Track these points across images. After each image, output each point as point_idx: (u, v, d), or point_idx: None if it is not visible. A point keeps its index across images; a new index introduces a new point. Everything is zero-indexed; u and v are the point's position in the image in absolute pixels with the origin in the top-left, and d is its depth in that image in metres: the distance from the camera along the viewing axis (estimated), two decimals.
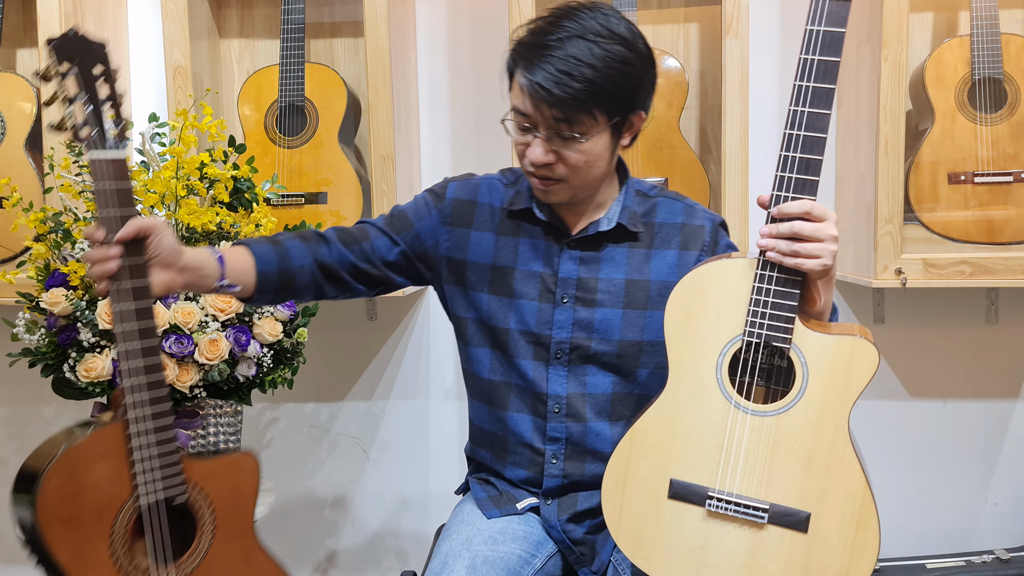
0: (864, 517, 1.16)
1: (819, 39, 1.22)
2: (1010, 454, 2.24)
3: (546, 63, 1.25)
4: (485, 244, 1.44)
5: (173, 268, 1.26)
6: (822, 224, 1.16)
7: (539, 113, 1.28)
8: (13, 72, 2.18)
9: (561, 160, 1.31)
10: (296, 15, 2.07)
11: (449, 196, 1.47)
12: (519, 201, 1.44)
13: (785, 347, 1.18)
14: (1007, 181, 1.95)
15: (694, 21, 2.16)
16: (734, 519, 1.20)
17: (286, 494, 2.37)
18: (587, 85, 1.25)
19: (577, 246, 1.41)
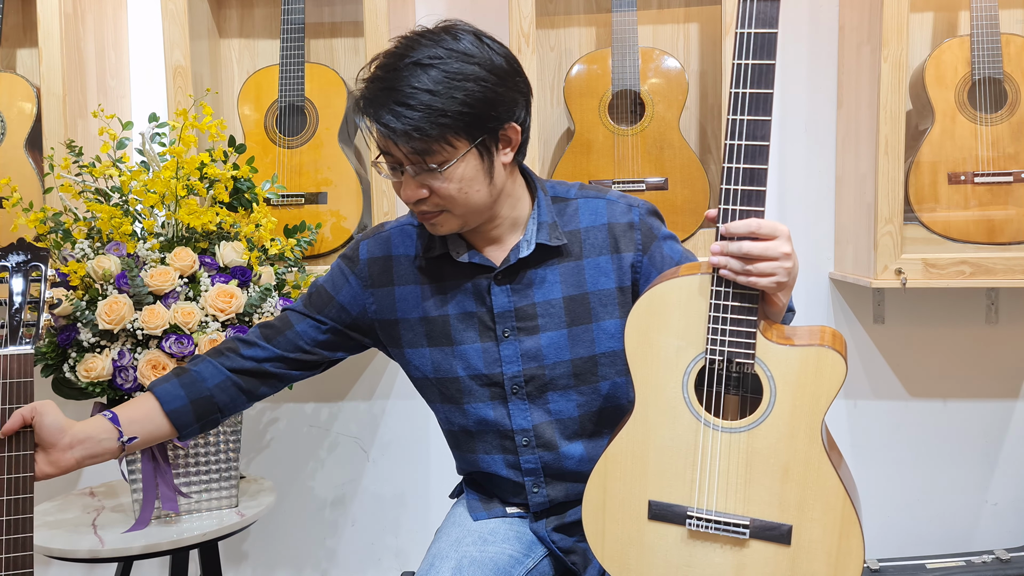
0: (846, 525, 1.15)
1: (750, 42, 1.12)
2: (1010, 454, 2.24)
3: (384, 99, 1.19)
4: (412, 298, 1.37)
5: (56, 447, 1.25)
6: (772, 243, 1.12)
7: (396, 150, 1.22)
8: (13, 72, 2.18)
9: (433, 192, 1.24)
10: (296, 15, 2.07)
11: (362, 257, 1.40)
12: (435, 247, 1.36)
13: (748, 363, 1.16)
14: (1007, 181, 1.95)
15: (694, 21, 2.16)
16: (716, 537, 1.19)
17: (286, 494, 2.37)
18: (427, 112, 1.18)
19: (505, 278, 1.34)
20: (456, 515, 1.49)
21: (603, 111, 2.05)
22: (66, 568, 2.41)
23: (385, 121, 1.19)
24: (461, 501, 1.54)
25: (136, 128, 2.04)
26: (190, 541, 1.66)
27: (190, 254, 1.69)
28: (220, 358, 1.39)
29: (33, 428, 1.24)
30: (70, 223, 1.76)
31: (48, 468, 1.26)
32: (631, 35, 2.01)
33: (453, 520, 1.47)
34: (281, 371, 1.41)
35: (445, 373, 1.38)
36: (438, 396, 1.42)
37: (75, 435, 1.27)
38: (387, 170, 1.28)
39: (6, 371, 1.27)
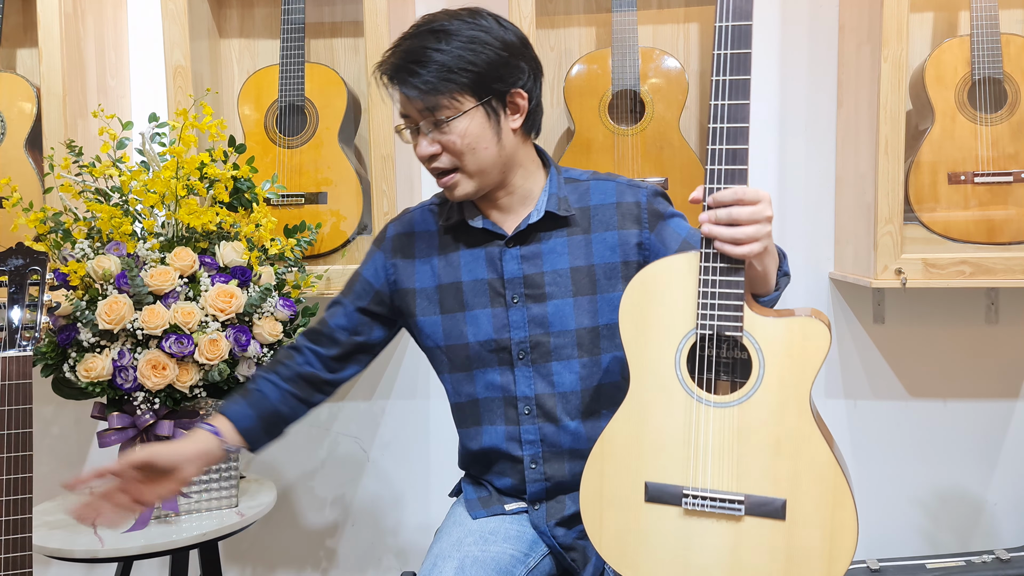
0: (839, 496, 1.15)
1: (728, 34, 1.28)
2: (1010, 454, 2.24)
3: (397, 59, 1.33)
4: (428, 268, 1.46)
5: (181, 470, 1.35)
6: (757, 207, 1.16)
7: (409, 107, 1.34)
8: (13, 72, 2.18)
9: (444, 148, 1.35)
10: (296, 15, 2.07)
11: (388, 235, 1.51)
12: (452, 215, 1.46)
13: (737, 335, 1.19)
14: (1007, 181, 1.95)
15: (694, 21, 2.16)
16: (712, 515, 1.19)
17: (286, 494, 2.37)
18: (437, 68, 1.30)
19: (516, 244, 1.42)
20: (456, 515, 1.49)
21: (603, 111, 2.05)
22: (66, 568, 2.41)
23: (400, 78, 1.32)
24: (460, 501, 1.55)
25: (136, 128, 2.04)
26: (190, 541, 1.66)
27: (190, 254, 1.69)
28: (276, 369, 1.50)
29: (151, 465, 1.32)
30: (70, 223, 1.76)
31: (176, 486, 1.36)
32: (631, 35, 2.01)
33: (454, 520, 1.48)
34: (325, 373, 1.51)
35: (455, 340, 1.44)
36: (447, 365, 1.47)
37: (192, 453, 1.37)
38: (408, 136, 1.38)
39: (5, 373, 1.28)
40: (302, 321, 1.82)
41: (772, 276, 1.25)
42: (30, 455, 1.27)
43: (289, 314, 1.75)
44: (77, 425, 2.40)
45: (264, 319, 1.72)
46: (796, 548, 1.17)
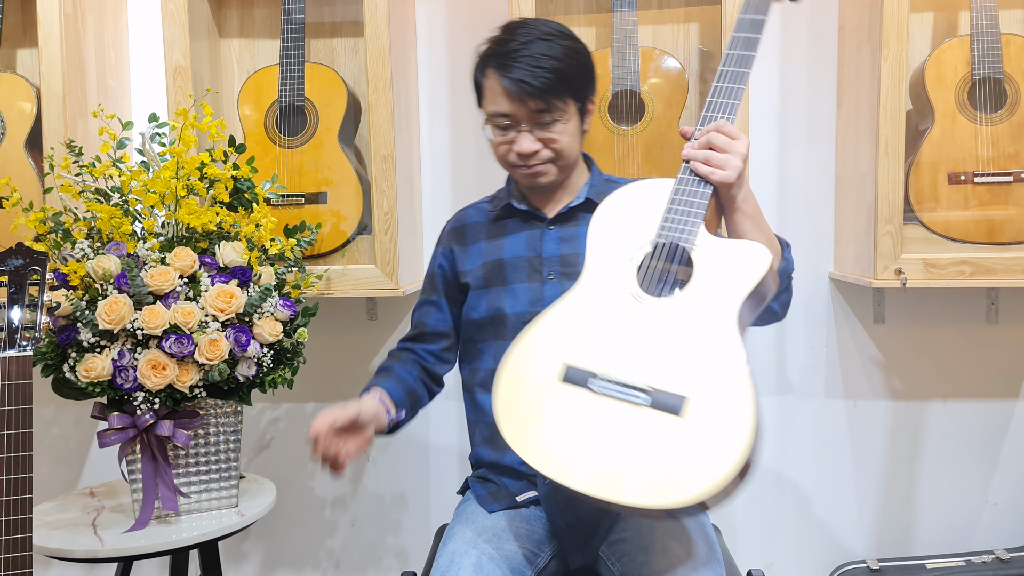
0: (739, 409, 1.15)
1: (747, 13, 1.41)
2: (1010, 454, 2.24)
3: (519, 63, 1.45)
4: (477, 251, 1.62)
5: (366, 428, 1.40)
6: (734, 140, 1.30)
7: (521, 108, 1.47)
8: (13, 72, 2.18)
9: (546, 145, 1.50)
10: (296, 15, 2.07)
11: (445, 231, 1.70)
12: (499, 202, 1.64)
13: (688, 247, 1.27)
14: (1007, 181, 1.95)
15: (694, 21, 2.16)
16: (615, 401, 1.21)
17: (286, 494, 2.37)
18: (556, 75, 1.45)
19: (556, 226, 1.58)
20: (468, 512, 1.51)
21: (603, 111, 2.05)
22: (66, 568, 2.41)
23: (526, 79, 1.44)
24: (470, 498, 1.56)
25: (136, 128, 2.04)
26: (190, 541, 1.66)
27: (190, 254, 1.69)
28: (401, 358, 1.65)
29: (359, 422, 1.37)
30: (70, 223, 1.76)
31: (364, 445, 1.39)
32: (631, 35, 2.01)
33: (465, 517, 1.49)
34: (439, 367, 1.67)
35: (496, 312, 1.57)
36: (492, 334, 1.58)
37: (374, 415, 1.42)
38: (495, 133, 1.52)
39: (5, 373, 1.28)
40: (302, 321, 1.82)
41: (758, 222, 1.36)
42: (30, 455, 1.27)
43: (289, 314, 1.75)
44: (77, 425, 2.40)
45: (264, 319, 1.72)
46: (684, 447, 1.15)
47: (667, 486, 1.13)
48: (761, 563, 2.32)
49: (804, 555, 2.31)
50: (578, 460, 1.18)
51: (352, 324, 2.33)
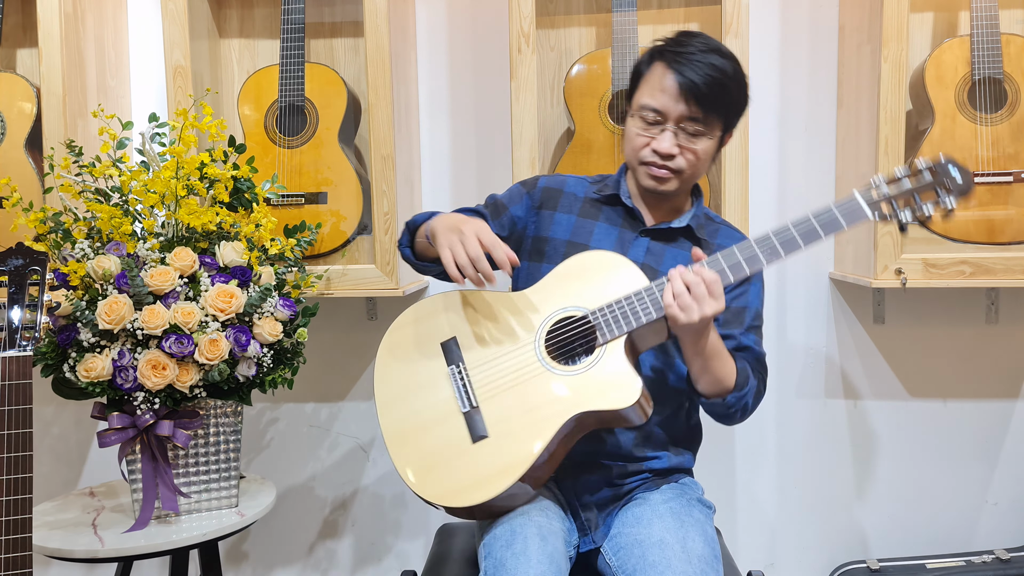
0: (509, 469, 1.38)
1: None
2: (1010, 454, 2.24)
3: (693, 64, 1.46)
4: (565, 224, 1.61)
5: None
6: (711, 299, 1.35)
7: (676, 108, 1.48)
8: (13, 72, 2.18)
9: (682, 153, 1.51)
10: (296, 15, 2.07)
11: (540, 185, 1.66)
12: (606, 189, 1.62)
13: (600, 342, 1.42)
14: (1007, 181, 1.95)
15: (694, 21, 2.16)
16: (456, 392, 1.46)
17: (286, 494, 2.37)
18: (722, 90, 1.47)
19: (648, 236, 1.59)
20: None
21: (603, 111, 2.05)
22: (66, 568, 2.41)
23: (697, 82, 1.45)
24: None
25: (136, 128, 2.04)
26: (190, 541, 1.66)
27: (190, 254, 1.69)
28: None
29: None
30: (70, 223, 1.76)
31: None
32: (631, 35, 2.01)
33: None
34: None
35: None
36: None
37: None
38: (639, 125, 1.51)
39: (5, 373, 1.28)
40: (302, 321, 1.82)
41: (710, 364, 1.43)
42: (30, 455, 1.27)
43: (289, 314, 1.75)
44: (77, 425, 2.40)
45: (264, 319, 1.72)
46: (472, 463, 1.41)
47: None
48: (761, 563, 2.32)
49: (804, 555, 2.31)
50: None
51: (352, 324, 2.33)
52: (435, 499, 1.40)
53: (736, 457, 2.30)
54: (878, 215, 1.38)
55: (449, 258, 1.41)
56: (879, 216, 1.38)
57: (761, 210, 2.20)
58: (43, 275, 1.37)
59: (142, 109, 2.30)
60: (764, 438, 2.29)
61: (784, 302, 2.25)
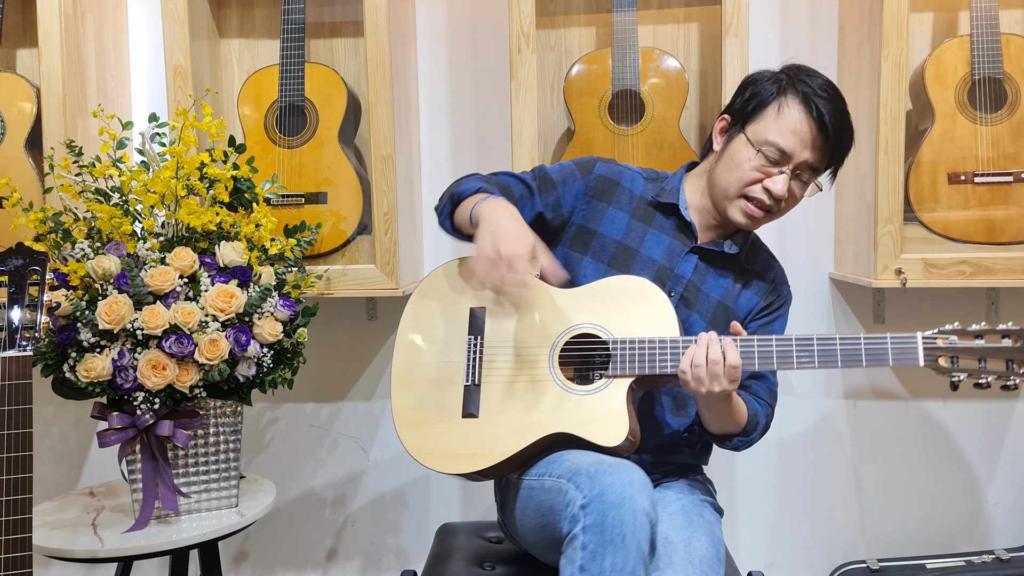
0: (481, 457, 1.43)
1: None
2: (1010, 454, 2.24)
3: (830, 111, 1.43)
4: (619, 222, 1.56)
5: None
6: (727, 383, 1.35)
7: (803, 155, 1.45)
8: (13, 72, 2.18)
9: (788, 199, 1.48)
10: (296, 15, 2.07)
11: (597, 172, 1.59)
12: (665, 196, 1.57)
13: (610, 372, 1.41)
14: (1007, 181, 1.95)
15: (694, 21, 2.16)
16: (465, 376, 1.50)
17: (286, 494, 2.37)
18: (848, 145, 1.48)
19: (699, 253, 1.55)
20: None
21: (603, 111, 2.05)
22: (66, 568, 2.41)
23: (832, 131, 1.44)
24: None
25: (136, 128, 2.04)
26: (190, 541, 1.66)
27: (190, 254, 1.69)
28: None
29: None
30: (70, 223, 1.76)
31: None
32: (631, 35, 2.01)
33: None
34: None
35: None
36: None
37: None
38: (758, 160, 1.46)
39: (5, 373, 1.27)
40: (302, 321, 1.82)
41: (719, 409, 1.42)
42: (30, 455, 1.27)
43: (289, 314, 1.75)
44: (77, 425, 2.40)
45: (264, 319, 1.72)
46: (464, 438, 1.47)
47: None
48: (761, 563, 2.32)
49: (804, 555, 2.31)
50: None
51: (352, 324, 2.33)
52: (408, 449, 1.48)
53: (736, 457, 2.30)
54: (932, 366, 1.31)
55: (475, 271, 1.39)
56: (933, 367, 1.31)
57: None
58: (43, 275, 1.37)
59: (142, 109, 2.30)
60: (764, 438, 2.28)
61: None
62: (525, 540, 1.48)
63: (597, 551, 1.20)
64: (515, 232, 1.37)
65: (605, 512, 1.21)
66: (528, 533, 1.44)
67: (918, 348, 1.32)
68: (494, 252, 1.34)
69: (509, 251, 1.34)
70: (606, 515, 1.21)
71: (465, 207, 1.48)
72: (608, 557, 1.19)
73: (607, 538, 1.20)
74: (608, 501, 1.21)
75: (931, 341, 1.31)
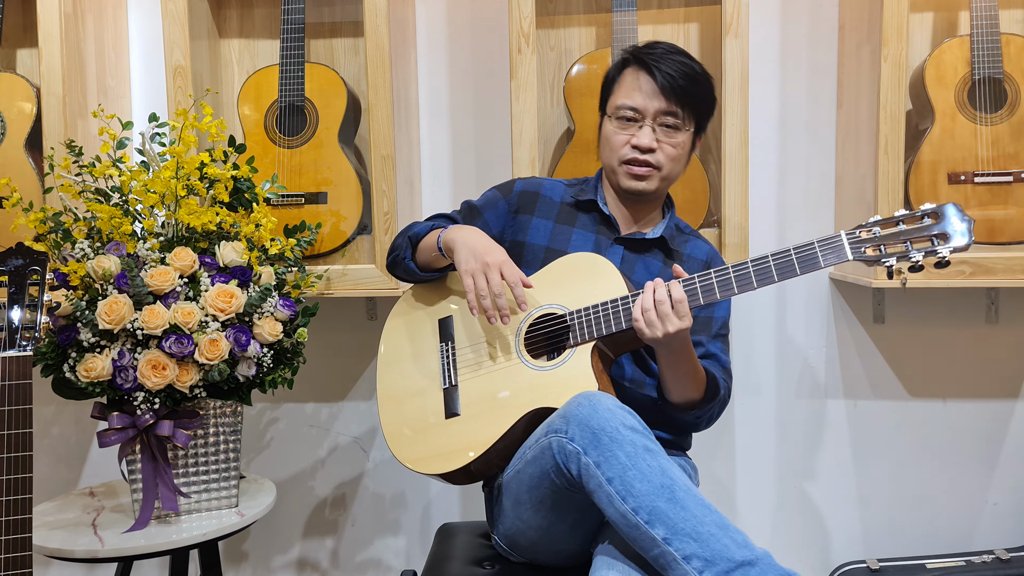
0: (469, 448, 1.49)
1: None
2: (1010, 454, 2.24)
3: (666, 63, 1.55)
4: (544, 229, 1.66)
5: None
6: (677, 319, 1.39)
7: (653, 103, 1.55)
8: (13, 72, 2.18)
9: (660, 148, 1.57)
10: (296, 15, 2.07)
11: (516, 190, 1.70)
12: (583, 195, 1.67)
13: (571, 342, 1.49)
14: (1007, 181, 1.95)
15: (694, 21, 2.16)
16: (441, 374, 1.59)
17: (286, 494, 2.37)
18: (696, 86, 1.56)
19: (623, 244, 1.63)
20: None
21: None
22: (66, 568, 2.41)
23: (669, 73, 1.54)
24: None
25: (136, 128, 2.04)
26: (190, 541, 1.66)
27: (190, 254, 1.69)
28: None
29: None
30: (70, 223, 1.76)
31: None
32: (631, 35, 2.01)
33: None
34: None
35: None
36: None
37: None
38: (617, 126, 1.58)
39: (5, 373, 1.27)
40: (302, 321, 1.82)
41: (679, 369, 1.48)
42: (30, 455, 1.27)
43: (289, 314, 1.75)
44: (77, 425, 2.40)
45: (264, 319, 1.72)
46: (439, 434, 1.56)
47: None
48: None
49: (804, 555, 2.31)
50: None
51: (352, 324, 2.33)
52: (404, 462, 1.54)
53: (736, 457, 2.30)
54: (861, 257, 1.36)
55: (471, 285, 1.47)
56: (863, 258, 1.36)
57: (761, 210, 2.20)
58: (43, 275, 1.37)
59: (142, 109, 2.30)
60: (764, 438, 2.29)
61: (784, 302, 2.25)
62: (526, 536, 1.48)
63: (603, 457, 1.26)
64: (491, 244, 1.51)
65: (589, 426, 1.28)
66: (530, 526, 1.45)
67: (844, 244, 1.36)
68: (481, 264, 1.47)
69: (494, 259, 1.47)
70: (591, 427, 1.28)
71: (428, 243, 1.61)
72: (618, 453, 1.25)
73: (604, 442, 1.26)
74: (584, 418, 1.29)
75: (854, 235, 1.36)
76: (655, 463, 1.25)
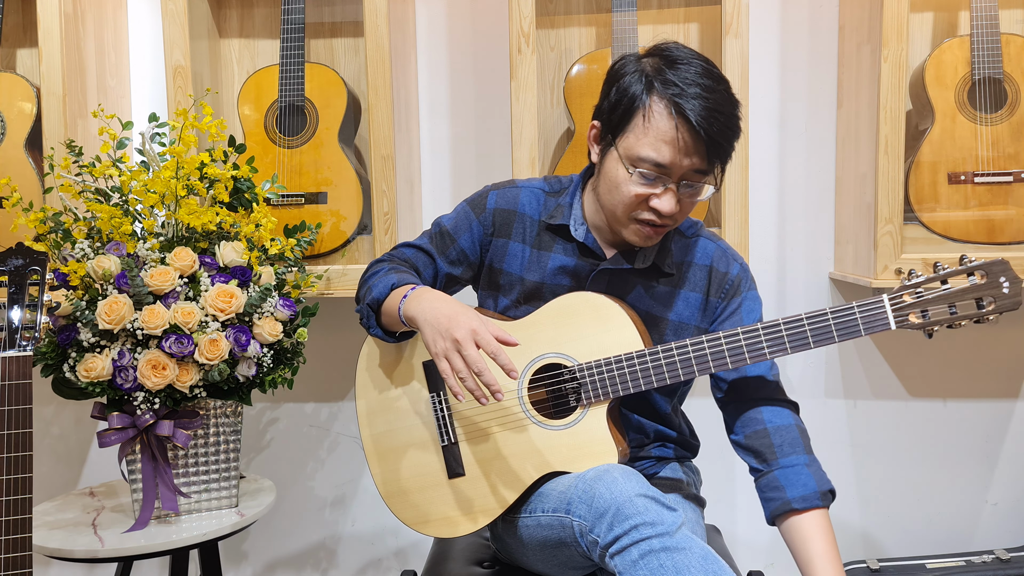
0: (480, 515, 1.43)
1: None
2: (1010, 454, 2.24)
3: (701, 101, 1.25)
4: (520, 256, 1.49)
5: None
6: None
7: (683, 163, 1.28)
8: (13, 72, 2.18)
9: (681, 210, 1.33)
10: (296, 15, 2.07)
11: (489, 207, 1.51)
12: (558, 216, 1.46)
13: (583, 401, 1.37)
14: (1007, 181, 1.95)
15: (694, 21, 2.16)
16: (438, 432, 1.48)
17: (286, 494, 2.37)
18: (731, 134, 1.29)
19: (608, 272, 1.44)
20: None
21: None
22: (66, 568, 2.41)
23: (706, 126, 1.25)
24: None
25: (136, 128, 2.04)
26: (190, 541, 1.66)
27: (190, 254, 1.69)
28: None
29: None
30: (70, 223, 1.76)
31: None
32: (631, 35, 2.01)
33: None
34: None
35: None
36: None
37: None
38: (638, 180, 1.31)
39: (5, 373, 1.28)
40: (302, 321, 1.82)
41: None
42: (30, 455, 1.27)
43: (289, 314, 1.75)
44: (77, 425, 2.40)
45: (264, 319, 1.72)
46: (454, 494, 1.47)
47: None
48: (761, 563, 2.31)
49: None
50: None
51: (352, 324, 2.33)
52: (405, 522, 1.48)
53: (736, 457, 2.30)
54: (905, 325, 1.25)
55: (448, 369, 1.26)
56: (906, 326, 1.25)
57: (761, 210, 2.20)
58: (43, 275, 1.37)
59: (142, 109, 2.30)
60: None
61: (784, 302, 2.25)
62: (528, 565, 1.47)
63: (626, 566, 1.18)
64: (454, 312, 1.28)
65: (612, 528, 1.20)
66: (538, 563, 1.44)
67: (887, 311, 1.26)
68: (451, 342, 1.25)
69: (463, 330, 1.25)
70: (615, 530, 1.19)
71: (390, 309, 1.41)
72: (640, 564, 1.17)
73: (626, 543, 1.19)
74: (603, 510, 1.21)
75: (898, 299, 1.25)
76: (669, 562, 1.16)
